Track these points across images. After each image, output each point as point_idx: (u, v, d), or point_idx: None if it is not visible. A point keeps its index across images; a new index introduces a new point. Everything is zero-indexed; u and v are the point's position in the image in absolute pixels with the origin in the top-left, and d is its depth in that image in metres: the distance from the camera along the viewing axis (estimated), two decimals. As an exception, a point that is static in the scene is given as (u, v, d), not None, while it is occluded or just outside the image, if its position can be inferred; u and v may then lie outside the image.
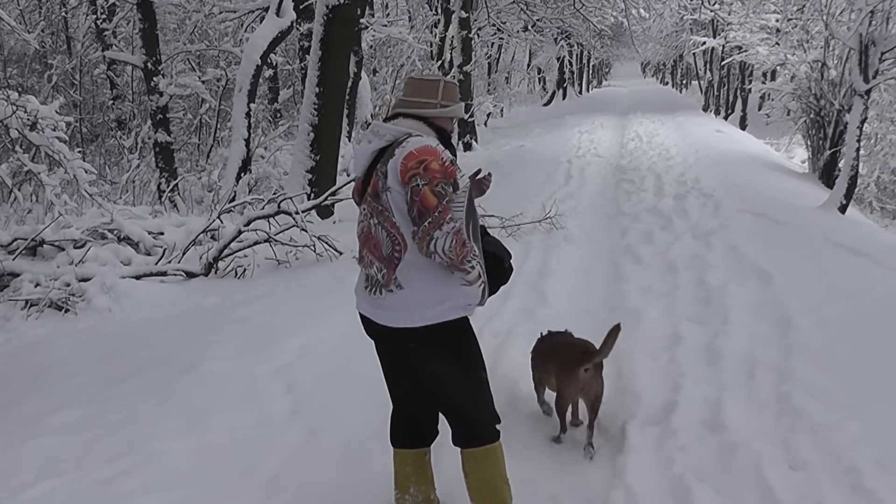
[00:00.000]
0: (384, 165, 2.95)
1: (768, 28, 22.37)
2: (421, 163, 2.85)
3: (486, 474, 3.21)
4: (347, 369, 4.96)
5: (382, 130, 3.03)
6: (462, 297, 3.03)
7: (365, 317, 3.15)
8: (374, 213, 3.01)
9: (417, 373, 3.18)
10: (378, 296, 3.02)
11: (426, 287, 2.96)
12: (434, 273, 2.96)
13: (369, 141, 3.06)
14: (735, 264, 7.28)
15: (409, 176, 2.84)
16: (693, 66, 46.61)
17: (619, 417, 4.32)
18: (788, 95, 19.33)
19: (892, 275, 7.49)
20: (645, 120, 26.42)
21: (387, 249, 2.97)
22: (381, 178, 2.96)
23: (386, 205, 2.94)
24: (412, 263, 2.95)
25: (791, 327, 5.47)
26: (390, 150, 2.97)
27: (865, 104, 12.06)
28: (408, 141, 2.95)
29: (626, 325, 5.75)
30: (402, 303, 2.97)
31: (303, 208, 8.41)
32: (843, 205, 11.95)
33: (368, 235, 3.05)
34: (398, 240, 2.94)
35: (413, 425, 3.38)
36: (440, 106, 3.10)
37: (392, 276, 2.97)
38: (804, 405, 4.24)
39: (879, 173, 19.64)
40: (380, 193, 2.97)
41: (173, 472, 3.82)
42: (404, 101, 3.13)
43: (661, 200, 10.93)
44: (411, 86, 3.14)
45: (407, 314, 2.98)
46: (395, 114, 3.13)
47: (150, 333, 6.12)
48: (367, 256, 3.08)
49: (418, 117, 3.08)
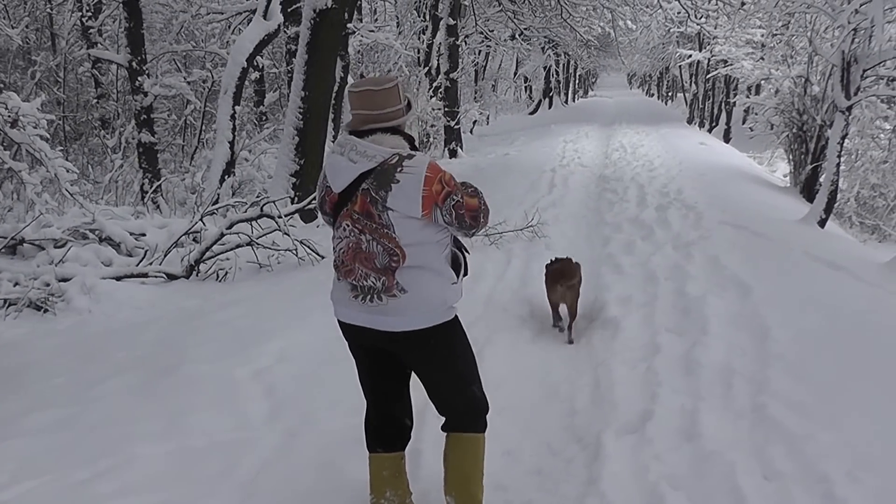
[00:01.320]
0: (382, 189, 3.01)
1: (753, 43, 22.55)
2: (441, 181, 3.02)
3: (467, 462, 3.32)
4: (326, 373, 4.97)
5: (371, 151, 3.05)
6: (454, 295, 3.22)
7: (351, 325, 3.21)
8: (365, 229, 3.06)
9: (416, 370, 3.33)
10: (377, 302, 3.08)
11: (428, 290, 3.10)
12: (432, 277, 3.12)
13: (353, 161, 3.07)
14: (715, 275, 7.31)
15: (444, 196, 3.02)
16: (679, 78, 46.84)
17: (596, 426, 4.34)
18: (772, 110, 19.46)
19: (868, 289, 7.57)
20: (630, 131, 26.54)
21: (382, 261, 3.05)
22: (376, 199, 3.02)
23: (385, 222, 3.02)
24: (410, 269, 3.06)
25: (768, 339, 5.49)
26: (382, 172, 3.02)
27: (847, 120, 12.18)
28: (406, 165, 3.01)
29: (606, 335, 5.84)
30: (408, 305, 3.07)
31: (286, 212, 8.40)
32: (822, 219, 12.06)
33: (358, 250, 3.09)
34: (396, 252, 3.04)
35: (391, 428, 3.43)
36: (406, 109, 3.20)
37: (393, 281, 3.05)
38: (779, 416, 4.27)
39: (859, 189, 19.78)
40: (373, 213, 3.03)
41: (151, 475, 3.81)
42: (373, 115, 3.11)
43: (643, 211, 10.98)
44: (372, 98, 3.11)
45: (416, 316, 3.10)
46: (369, 129, 3.12)
47: (129, 335, 6.09)
48: (358, 269, 3.11)
49: (393, 129, 3.14)
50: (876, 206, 20.34)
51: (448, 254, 3.22)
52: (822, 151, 16.16)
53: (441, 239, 3.15)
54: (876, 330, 6.09)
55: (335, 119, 14.32)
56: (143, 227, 8.51)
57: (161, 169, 13.62)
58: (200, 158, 14.38)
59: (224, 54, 14.49)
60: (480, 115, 26.37)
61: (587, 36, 29.08)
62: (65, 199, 8.58)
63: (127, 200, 12.45)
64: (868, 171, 19.32)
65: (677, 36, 36.10)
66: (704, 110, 36.06)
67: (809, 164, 16.69)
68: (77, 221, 8.02)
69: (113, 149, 14.80)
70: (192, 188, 12.41)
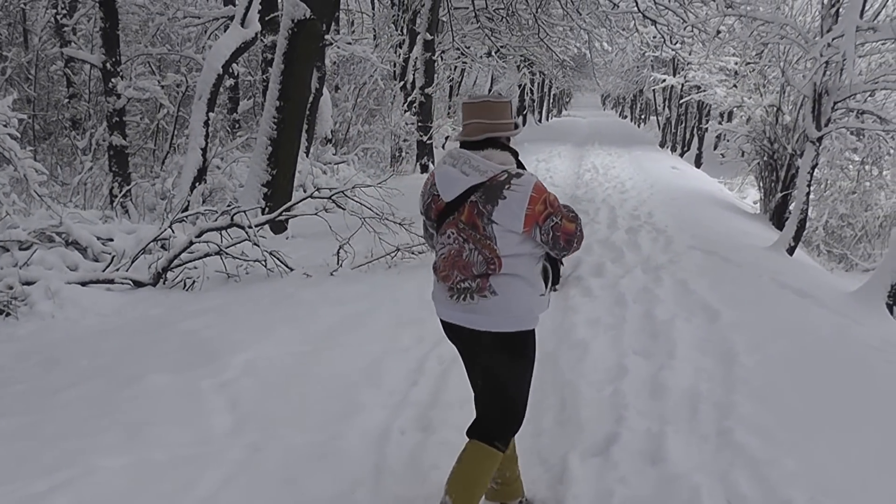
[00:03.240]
0: (489, 203, 3.19)
1: (727, 70, 22.82)
2: (545, 202, 3.20)
3: (475, 471, 3.36)
4: (292, 388, 4.94)
5: (483, 166, 3.23)
6: (539, 307, 3.37)
7: (448, 322, 3.44)
8: (469, 238, 3.26)
9: (482, 368, 3.46)
10: (469, 301, 3.28)
11: (517, 296, 3.26)
12: (523, 285, 3.28)
13: (465, 173, 3.26)
14: (683, 299, 7.36)
15: (545, 217, 3.19)
16: (652, 101, 47.37)
17: (561, 447, 4.32)
18: (743, 137, 19.70)
19: (834, 317, 7.66)
20: (602, 152, 26.76)
21: (480, 269, 3.25)
22: (482, 212, 3.21)
23: (489, 234, 3.21)
24: (504, 276, 3.24)
25: (735, 364, 5.52)
26: (491, 187, 3.21)
27: (817, 150, 12.36)
28: (514, 183, 3.19)
29: (573, 357, 5.83)
30: (496, 307, 3.25)
31: (256, 222, 8.33)
32: (791, 246, 12.21)
33: (458, 257, 3.30)
34: (494, 261, 3.22)
35: None
36: (515, 125, 3.38)
37: (486, 283, 3.25)
38: (744, 440, 4.28)
39: (828, 218, 20.09)
40: (478, 224, 3.23)
41: (110, 488, 3.72)
42: (486, 124, 3.30)
43: (613, 233, 11.04)
44: (489, 108, 3.31)
45: (501, 319, 3.26)
46: (485, 139, 3.31)
47: (93, 342, 5.99)
48: (455, 275, 3.32)
49: (499, 140, 3.33)
50: (844, 235, 20.67)
51: (541, 266, 3.36)
52: (791, 180, 16.40)
53: (536, 252, 3.31)
54: (841, 358, 6.16)
55: (309, 130, 14.27)
56: (110, 232, 8.39)
57: (131, 173, 13.49)
58: (171, 164, 14.23)
59: (199, 59, 14.42)
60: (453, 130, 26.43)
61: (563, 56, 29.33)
62: (32, 200, 8.46)
63: (95, 204, 12.33)
64: (837, 201, 19.63)
65: (652, 60, 36.54)
66: (677, 134, 36.46)
67: (779, 192, 16.93)
68: (44, 224, 7.88)
69: (83, 150, 14.65)
70: (163, 194, 12.30)
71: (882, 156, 18.24)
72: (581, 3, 19.64)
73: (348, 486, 3.82)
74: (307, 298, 7.07)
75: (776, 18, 14.23)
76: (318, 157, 15.42)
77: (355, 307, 6.82)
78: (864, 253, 20.01)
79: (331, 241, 8.58)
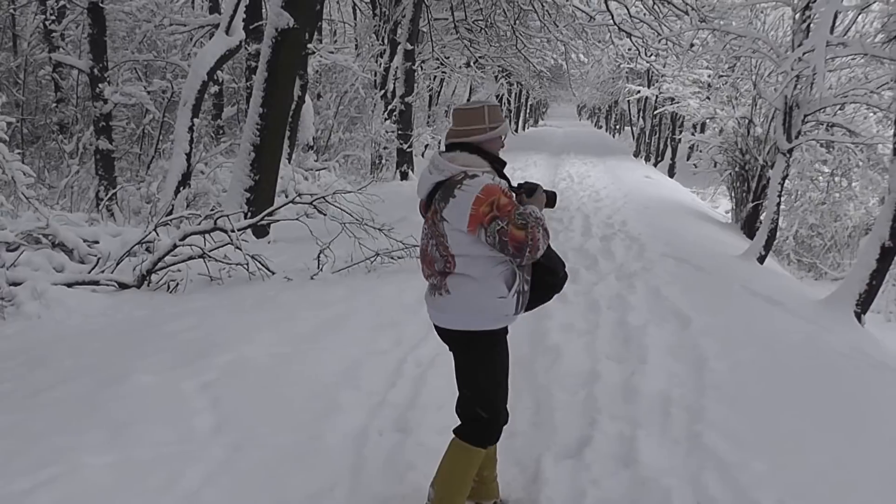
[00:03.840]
0: (443, 201, 3.30)
1: (700, 83, 23.08)
2: (492, 204, 3.19)
3: (450, 465, 3.50)
4: (272, 389, 4.98)
5: (442, 166, 3.36)
6: (497, 309, 3.37)
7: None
8: (432, 235, 3.42)
9: (455, 367, 3.59)
10: (436, 296, 3.45)
11: (468, 296, 3.35)
12: (476, 286, 3.34)
13: (430, 172, 3.42)
14: (655, 306, 7.44)
15: (490, 219, 3.18)
16: (627, 112, 47.63)
17: (535, 449, 4.38)
18: (716, 148, 19.93)
19: (803, 324, 7.77)
20: (577, 161, 26.91)
21: (440, 266, 3.41)
22: (436, 209, 3.35)
23: (441, 231, 3.34)
24: (458, 275, 3.36)
25: (705, 369, 5.60)
26: (447, 186, 3.32)
27: (788, 162, 12.54)
28: (465, 183, 3.26)
29: (547, 361, 5.91)
30: (449, 305, 3.39)
31: (239, 227, 8.38)
32: (762, 255, 12.36)
33: (425, 252, 3.48)
34: (450, 260, 3.35)
35: None
36: (489, 129, 3.42)
37: (444, 282, 3.40)
38: (714, 444, 4.36)
39: (798, 228, 20.29)
40: (436, 221, 3.36)
41: (94, 485, 3.76)
42: (457, 130, 3.43)
43: (587, 241, 11.14)
44: (460, 116, 3.44)
45: (451, 316, 3.41)
46: (450, 143, 3.45)
47: (78, 343, 6.01)
48: (424, 269, 3.54)
49: (472, 145, 3.40)
50: (813, 245, 20.90)
51: (505, 270, 3.34)
52: (762, 190, 16.61)
53: (496, 255, 3.30)
54: (810, 364, 6.25)
55: (291, 137, 14.32)
56: (96, 235, 8.44)
57: (117, 177, 13.55)
58: (157, 168, 14.26)
59: (185, 66, 14.43)
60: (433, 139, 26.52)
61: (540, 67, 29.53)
62: (19, 202, 8.47)
63: (82, 207, 12.36)
64: (807, 212, 19.86)
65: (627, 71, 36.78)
66: (651, 145, 36.74)
67: (751, 202, 17.13)
68: (31, 225, 7.93)
69: (70, 154, 14.65)
70: (148, 198, 12.33)
71: (851, 168, 18.48)
72: (558, 15, 19.79)
73: (327, 484, 3.88)
74: (288, 301, 7.13)
75: (749, 33, 14.44)
76: (300, 164, 15.46)
77: (335, 310, 6.88)
78: (833, 262, 20.25)
79: (312, 245, 8.64)
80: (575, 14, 20.67)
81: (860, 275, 9.00)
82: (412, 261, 8.64)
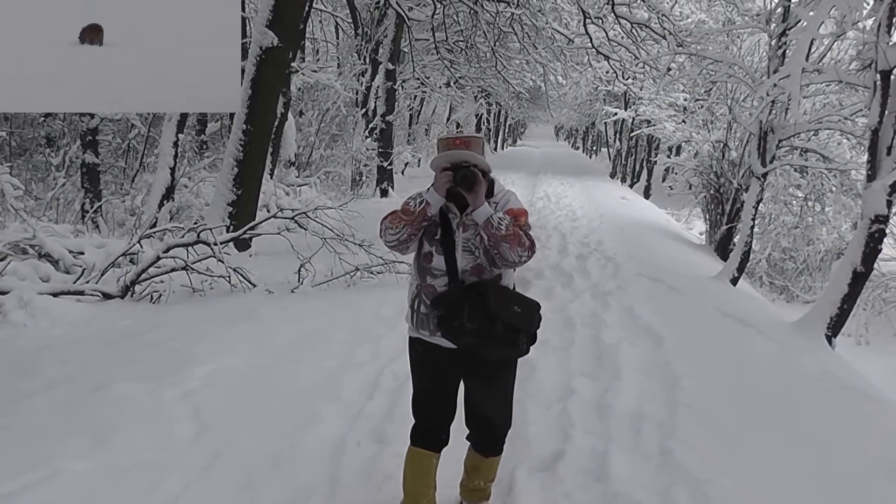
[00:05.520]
0: None
1: (676, 106, 23.35)
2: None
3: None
4: (252, 399, 5.03)
5: None
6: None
7: None
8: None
9: None
10: None
11: None
12: None
13: None
14: (629, 325, 7.52)
15: None
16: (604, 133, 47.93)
17: (510, 462, 4.39)
18: (691, 171, 20.17)
19: (773, 345, 7.88)
20: (554, 181, 27.05)
21: None
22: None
23: None
24: None
25: (678, 387, 5.65)
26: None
27: (762, 186, 12.69)
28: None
29: (522, 376, 5.94)
30: None
31: (221, 240, 8.42)
32: (735, 277, 12.50)
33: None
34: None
35: None
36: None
37: None
38: (685, 460, 4.40)
39: (771, 251, 20.54)
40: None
41: (76, 491, 3.78)
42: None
43: (563, 259, 11.23)
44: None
45: None
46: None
47: (62, 351, 6.03)
48: None
49: None
50: (786, 268, 21.15)
51: (412, 288, 3.50)
52: (737, 213, 16.80)
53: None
54: (778, 385, 6.36)
55: (273, 153, 14.38)
56: (81, 246, 8.46)
57: (102, 190, 13.58)
58: (141, 182, 14.29)
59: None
60: (412, 157, 26.65)
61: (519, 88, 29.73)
62: (7, 213, 8.49)
63: (67, 218, 12.36)
64: (780, 235, 20.09)
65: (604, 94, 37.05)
66: (627, 166, 37.01)
67: (725, 225, 17.32)
68: (18, 236, 7.97)
69: (57, 167, 14.64)
70: (132, 210, 12.37)
71: (824, 192, 18.74)
72: (537, 37, 19.94)
73: (304, 492, 3.92)
74: (269, 314, 7.16)
75: (725, 58, 14.66)
76: (281, 179, 15.54)
77: (314, 323, 6.93)
78: (805, 285, 20.50)
79: (292, 259, 8.70)
80: (554, 36, 20.84)
81: (832, 298, 9.12)
82: (391, 276, 8.71)
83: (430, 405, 3.58)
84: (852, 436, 5.57)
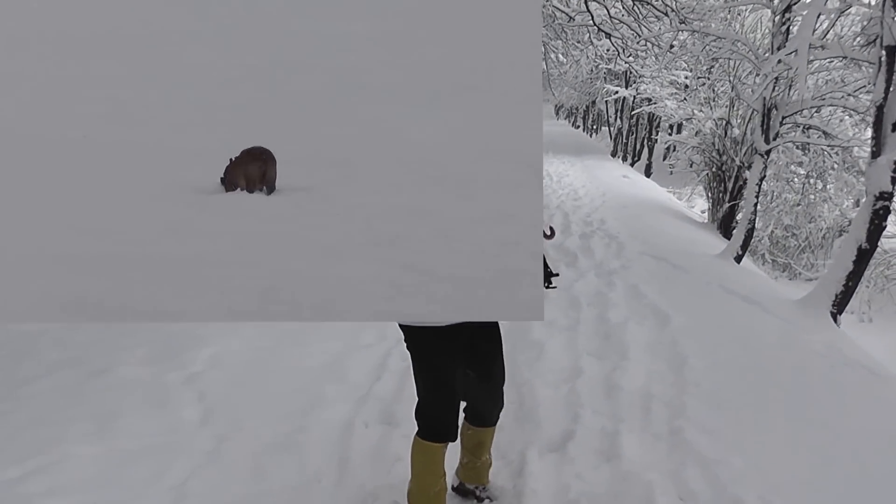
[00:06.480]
0: None
1: (678, 84, 23.20)
2: None
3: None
4: (258, 382, 4.99)
5: None
6: None
7: None
8: None
9: None
10: None
11: None
12: None
13: None
14: (635, 304, 7.51)
15: None
16: (604, 112, 47.74)
17: (520, 443, 4.41)
18: (693, 149, 20.07)
19: (779, 323, 7.87)
20: (555, 160, 26.96)
21: None
22: None
23: None
24: None
25: (685, 366, 5.66)
26: None
27: (765, 163, 12.65)
28: None
29: (530, 357, 5.94)
30: None
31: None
32: (738, 255, 12.47)
33: None
34: None
35: None
36: None
37: None
38: (694, 440, 4.41)
39: (774, 228, 20.48)
40: None
41: (81, 476, 3.76)
42: None
43: (567, 239, 11.21)
44: None
45: None
46: None
47: (63, 335, 5.94)
48: None
49: None
50: (788, 245, 21.11)
51: None
52: (739, 191, 16.75)
53: None
54: (786, 363, 6.35)
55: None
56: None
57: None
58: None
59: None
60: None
61: (519, 66, 29.44)
62: None
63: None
64: (782, 213, 20.03)
65: (605, 72, 36.86)
66: (628, 145, 36.85)
67: (727, 203, 17.27)
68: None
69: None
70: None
71: (826, 170, 18.66)
72: (538, 14, 19.81)
73: (314, 475, 3.90)
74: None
75: (728, 35, 14.54)
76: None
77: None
78: (808, 263, 20.47)
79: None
80: (555, 14, 20.67)
81: (836, 276, 9.07)
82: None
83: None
84: (860, 413, 5.56)
